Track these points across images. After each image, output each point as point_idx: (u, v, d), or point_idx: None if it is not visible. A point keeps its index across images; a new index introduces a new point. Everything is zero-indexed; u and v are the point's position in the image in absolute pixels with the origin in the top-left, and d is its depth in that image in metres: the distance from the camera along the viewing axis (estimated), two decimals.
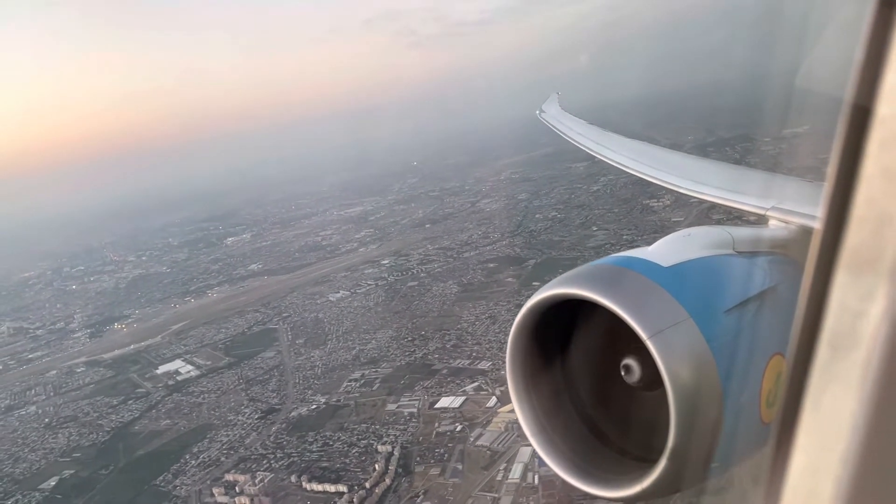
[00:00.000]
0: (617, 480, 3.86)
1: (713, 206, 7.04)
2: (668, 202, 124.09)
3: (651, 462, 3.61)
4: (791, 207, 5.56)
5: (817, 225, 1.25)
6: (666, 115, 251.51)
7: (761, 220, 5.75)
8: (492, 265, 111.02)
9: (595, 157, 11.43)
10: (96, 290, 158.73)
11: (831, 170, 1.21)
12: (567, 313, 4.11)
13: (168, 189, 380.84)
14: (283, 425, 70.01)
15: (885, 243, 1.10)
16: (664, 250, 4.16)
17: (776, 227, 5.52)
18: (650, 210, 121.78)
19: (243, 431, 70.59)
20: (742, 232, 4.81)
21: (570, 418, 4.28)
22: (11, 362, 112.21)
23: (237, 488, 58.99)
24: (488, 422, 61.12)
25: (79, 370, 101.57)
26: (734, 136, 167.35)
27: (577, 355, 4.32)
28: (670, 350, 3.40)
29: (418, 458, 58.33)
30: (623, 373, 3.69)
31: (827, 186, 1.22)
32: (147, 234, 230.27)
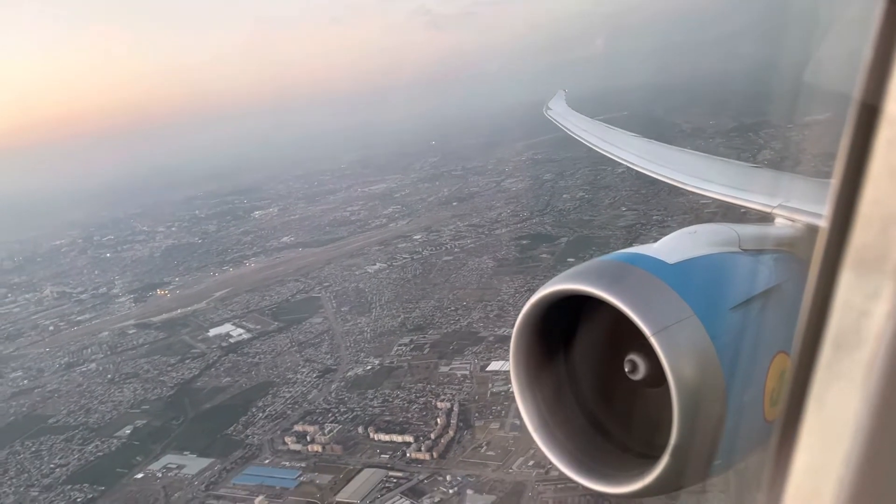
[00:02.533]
0: (619, 477, 3.89)
1: (719, 203, 7.10)
2: None
3: (654, 459, 3.63)
4: (797, 206, 5.59)
5: (823, 223, 1.27)
6: (687, 100, 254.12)
7: (767, 218, 5.79)
8: (524, 242, 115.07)
9: (602, 154, 11.29)
10: (131, 258, 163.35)
11: (838, 168, 1.21)
12: (571, 309, 4.15)
13: (187, 164, 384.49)
14: (342, 383, 74.72)
15: (891, 243, 1.11)
16: (669, 247, 4.20)
17: (782, 225, 5.55)
18: (678, 192, 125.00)
19: (304, 388, 75.34)
20: (748, 230, 4.86)
21: (573, 414, 4.29)
22: (61, 324, 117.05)
23: (308, 437, 63.71)
24: None
25: (130, 332, 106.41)
26: (756, 122, 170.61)
27: (580, 351, 4.34)
28: (674, 347, 3.43)
29: (477, 414, 62.91)
30: (627, 369, 3.70)
31: (834, 185, 1.23)
32: (172, 206, 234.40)
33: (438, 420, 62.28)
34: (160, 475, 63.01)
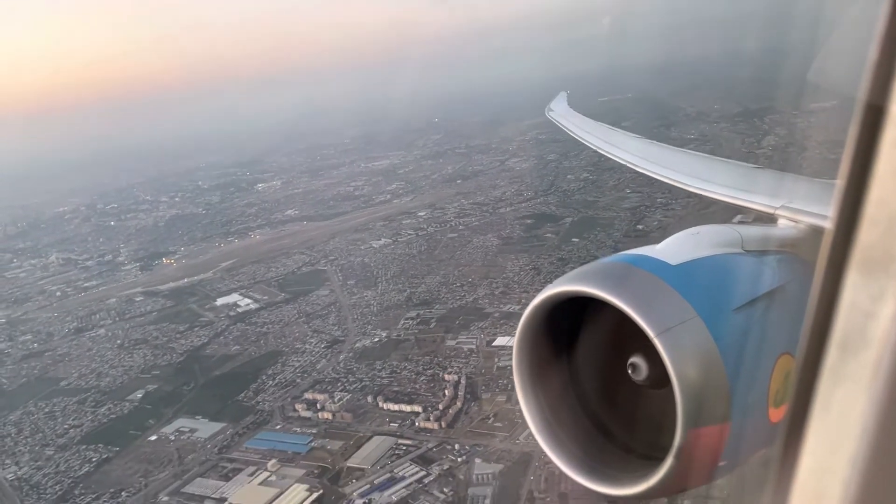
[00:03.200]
0: (623, 478, 3.89)
1: (722, 204, 7.17)
2: None
3: (658, 460, 3.64)
4: (801, 206, 5.58)
5: (828, 224, 1.27)
6: (691, 83, 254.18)
7: (771, 219, 5.79)
8: (529, 221, 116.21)
9: (605, 156, 11.37)
10: (136, 226, 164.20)
11: (843, 169, 1.21)
12: (575, 310, 4.16)
13: (187, 136, 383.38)
14: (350, 354, 76.24)
15: None
16: (672, 248, 4.22)
17: (786, 226, 5.54)
18: None
19: (313, 358, 76.86)
20: (751, 230, 4.87)
21: (576, 415, 4.30)
22: (68, 290, 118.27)
23: (318, 405, 65.30)
24: None
25: (138, 299, 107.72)
26: (761, 107, 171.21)
27: (584, 352, 4.36)
28: (678, 348, 3.44)
29: (483, 387, 64.49)
30: (630, 370, 3.71)
31: (839, 185, 1.22)
32: (174, 176, 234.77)
33: (446, 391, 63.88)
34: (173, 438, 64.64)
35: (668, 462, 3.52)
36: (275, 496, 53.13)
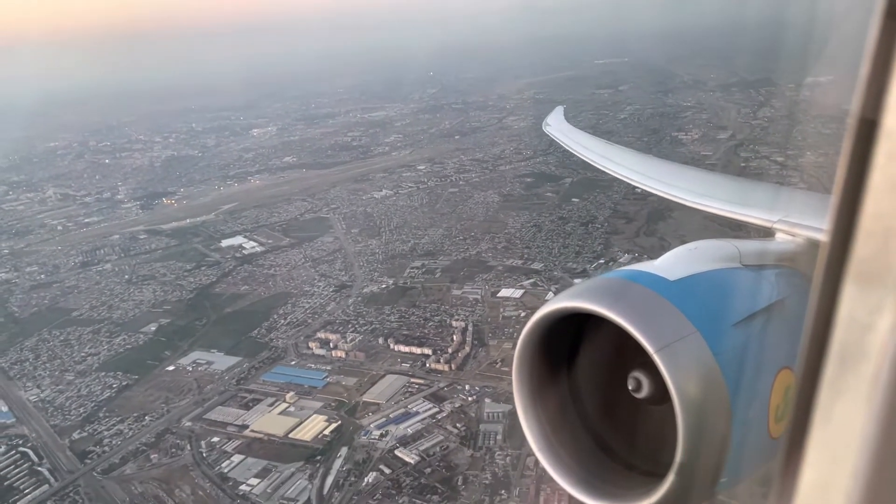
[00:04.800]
0: (624, 495, 3.92)
1: (720, 219, 7.24)
2: (696, 136, 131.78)
3: (659, 477, 3.64)
4: (798, 220, 5.61)
5: (824, 238, 1.26)
6: (689, 51, 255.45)
7: (768, 233, 5.79)
8: (529, 180, 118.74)
9: (603, 171, 11.37)
10: (131, 165, 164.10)
11: (838, 182, 1.21)
12: (574, 327, 4.21)
13: (175, 77, 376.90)
14: (359, 298, 78.90)
15: (892, 256, 1.12)
16: (671, 264, 4.25)
17: (783, 240, 5.56)
18: (679, 142, 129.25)
19: (322, 301, 79.45)
20: (749, 245, 4.89)
21: (576, 432, 4.32)
22: (69, 224, 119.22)
23: (331, 344, 68.13)
24: None
25: (141, 237, 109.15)
26: (757, 79, 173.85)
27: (583, 369, 4.37)
28: (678, 364, 3.45)
29: (490, 335, 67.64)
30: (630, 387, 3.73)
31: (834, 199, 1.22)
32: (165, 117, 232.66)
33: (454, 337, 66.91)
34: (190, 369, 67.20)
35: (670, 478, 3.53)
36: (295, 425, 56.18)
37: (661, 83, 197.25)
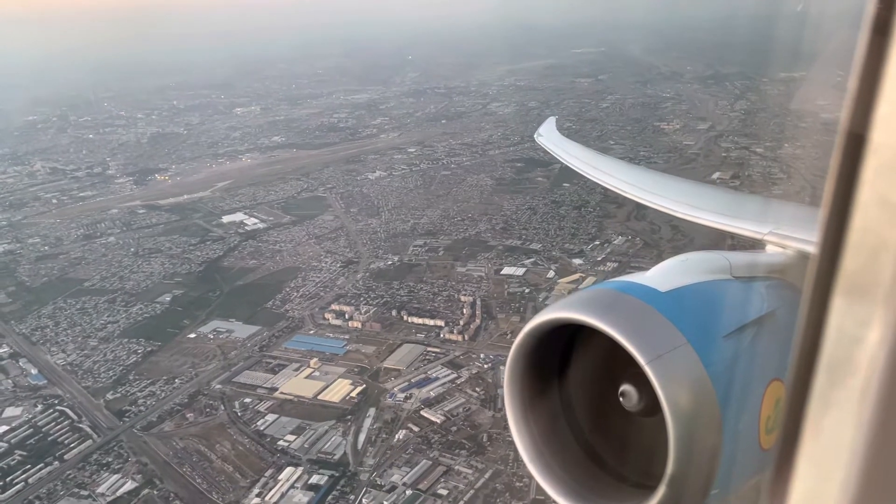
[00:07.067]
0: None
1: (711, 230, 7.27)
2: (678, 126, 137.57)
3: (650, 488, 3.66)
4: (788, 232, 5.71)
5: (814, 250, 1.27)
6: (666, 43, 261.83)
7: (759, 245, 5.92)
8: (519, 164, 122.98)
9: (595, 182, 11.51)
10: (117, 141, 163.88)
11: (827, 196, 1.22)
12: (565, 338, 4.22)
13: (149, 53, 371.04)
14: (367, 274, 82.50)
15: (881, 269, 1.13)
16: (661, 275, 4.28)
17: (773, 252, 5.67)
18: (662, 132, 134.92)
19: (331, 275, 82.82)
20: (739, 257, 4.95)
21: (568, 444, 4.33)
22: (64, 198, 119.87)
23: (346, 315, 71.73)
24: (552, 288, 74.87)
25: (140, 212, 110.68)
26: (733, 72, 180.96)
27: (575, 380, 4.37)
28: (668, 375, 3.46)
29: (498, 309, 71.97)
30: (621, 398, 3.72)
31: (823, 212, 1.24)
32: (144, 93, 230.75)
33: (464, 310, 71.10)
34: (212, 336, 70.20)
35: (661, 490, 3.55)
36: (322, 388, 59.86)
37: (639, 74, 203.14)
